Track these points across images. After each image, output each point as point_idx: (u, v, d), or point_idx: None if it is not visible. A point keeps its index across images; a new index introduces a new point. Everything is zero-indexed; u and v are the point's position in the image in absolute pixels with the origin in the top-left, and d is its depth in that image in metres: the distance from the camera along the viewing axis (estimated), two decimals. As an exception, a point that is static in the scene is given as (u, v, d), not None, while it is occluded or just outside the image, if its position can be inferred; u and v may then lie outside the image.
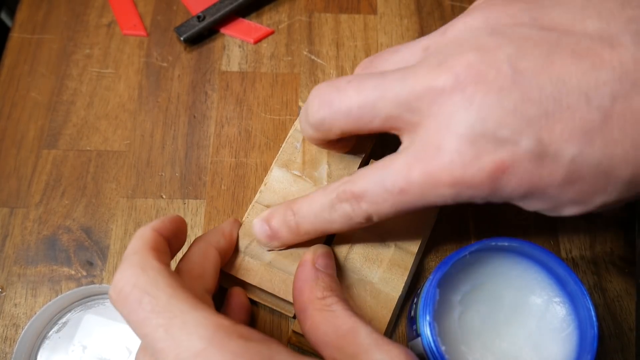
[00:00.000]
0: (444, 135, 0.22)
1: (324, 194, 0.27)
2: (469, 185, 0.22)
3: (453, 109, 0.22)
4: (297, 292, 0.27)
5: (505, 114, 0.21)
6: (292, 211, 0.28)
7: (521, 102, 0.20)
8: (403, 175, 0.23)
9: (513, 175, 0.21)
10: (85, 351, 0.31)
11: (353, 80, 0.25)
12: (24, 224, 0.35)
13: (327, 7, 0.43)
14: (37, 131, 0.38)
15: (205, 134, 0.38)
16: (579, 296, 0.26)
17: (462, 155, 0.21)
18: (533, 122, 0.20)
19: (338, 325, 0.24)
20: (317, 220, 0.27)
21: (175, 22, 0.42)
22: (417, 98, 0.23)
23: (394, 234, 0.32)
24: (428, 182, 0.23)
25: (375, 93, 0.24)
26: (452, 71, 0.22)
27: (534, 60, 0.21)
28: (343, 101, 0.25)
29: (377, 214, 0.25)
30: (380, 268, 0.31)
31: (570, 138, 0.20)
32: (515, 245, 0.26)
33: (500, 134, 0.21)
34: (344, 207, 0.26)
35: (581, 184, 0.21)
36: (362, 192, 0.25)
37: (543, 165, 0.21)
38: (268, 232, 0.29)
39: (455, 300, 0.27)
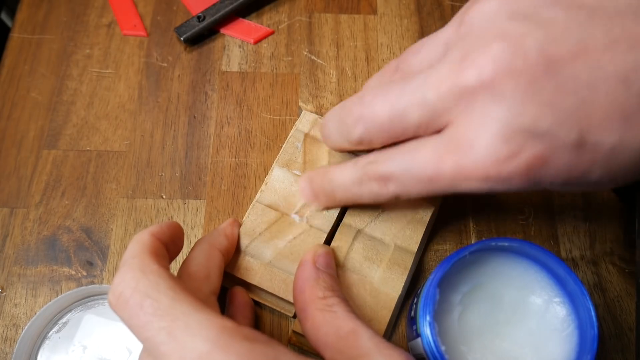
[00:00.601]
0: (477, 132, 0.21)
1: (354, 169, 0.27)
2: (504, 180, 0.21)
3: (483, 106, 0.21)
4: (298, 291, 0.27)
5: (541, 107, 0.20)
6: (329, 181, 0.29)
7: (556, 93, 0.19)
8: (433, 164, 0.23)
9: (551, 167, 0.21)
10: (85, 351, 0.31)
11: (376, 90, 0.25)
12: (24, 224, 0.35)
13: (327, 7, 0.43)
14: (37, 131, 0.38)
15: (206, 134, 0.38)
16: (579, 296, 0.26)
17: (497, 153, 0.21)
18: (570, 113, 0.19)
19: (339, 327, 0.24)
20: (348, 191, 0.28)
21: (175, 22, 0.42)
22: (444, 100, 0.22)
23: (393, 234, 0.32)
24: (459, 175, 0.22)
25: (401, 102, 0.23)
26: (476, 66, 0.21)
27: (566, 45, 0.19)
28: (373, 116, 0.25)
29: (405, 194, 0.25)
30: (380, 268, 0.31)
31: (610, 126, 0.19)
32: (515, 245, 0.26)
33: (537, 128, 0.20)
34: (371, 185, 0.26)
35: (621, 168, 0.20)
36: (389, 174, 0.25)
37: (583, 154, 0.20)
38: (311, 193, 0.30)
39: (455, 300, 0.27)
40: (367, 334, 0.23)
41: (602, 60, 0.19)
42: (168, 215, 0.35)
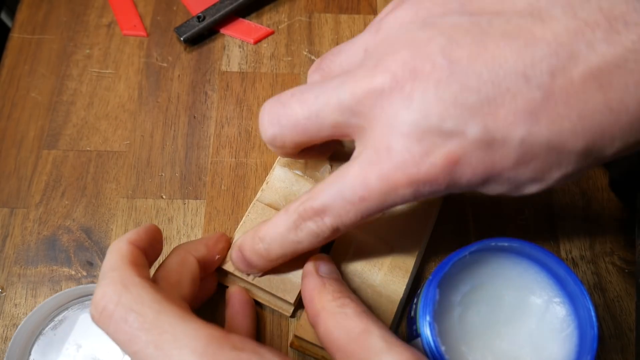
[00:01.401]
0: (391, 136, 0.22)
1: (286, 215, 0.26)
2: (425, 182, 0.22)
3: (395, 109, 0.21)
4: (308, 301, 0.27)
5: (446, 106, 0.20)
6: (258, 238, 0.27)
7: (460, 92, 0.20)
8: (360, 183, 0.23)
9: (466, 166, 0.21)
10: (79, 350, 0.31)
11: (296, 92, 0.25)
12: (24, 224, 0.35)
13: (327, 8, 0.43)
14: (37, 131, 0.38)
15: (205, 134, 0.38)
16: (579, 296, 0.26)
17: (412, 153, 0.21)
18: (475, 110, 0.20)
19: (350, 328, 0.24)
20: (284, 242, 0.27)
21: (175, 22, 0.42)
22: (359, 102, 0.23)
23: (394, 237, 0.32)
24: (386, 186, 0.22)
25: (318, 102, 0.24)
26: (388, 71, 0.22)
27: (467, 48, 0.20)
28: (289, 115, 0.25)
29: (343, 224, 0.25)
30: (381, 271, 0.31)
31: (515, 120, 0.20)
32: (515, 246, 0.26)
33: (444, 127, 0.21)
34: (308, 225, 0.25)
35: (535, 163, 0.21)
36: (323, 207, 0.24)
37: (494, 151, 0.21)
38: (244, 262, 0.29)
39: (455, 300, 0.27)
40: (377, 333, 0.23)
41: (501, 58, 0.20)
42: (168, 216, 0.35)
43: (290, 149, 0.27)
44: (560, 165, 0.21)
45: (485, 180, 0.22)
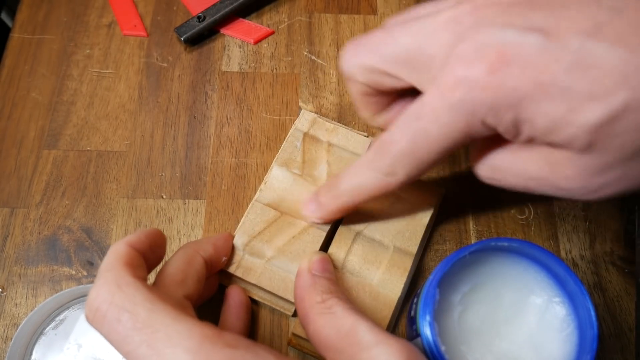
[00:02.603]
0: (454, 52, 0.22)
1: (363, 157, 0.27)
2: (471, 84, 0.21)
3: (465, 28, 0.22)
4: (298, 299, 0.27)
5: (512, 19, 0.21)
6: (336, 178, 0.29)
7: (528, 10, 0.21)
8: (419, 103, 0.23)
9: (516, 66, 0.20)
10: (80, 350, 0.31)
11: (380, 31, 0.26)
12: (24, 224, 0.35)
13: (327, 8, 0.43)
14: (37, 131, 0.38)
15: (206, 134, 0.38)
16: (579, 296, 0.26)
17: (465, 57, 0.21)
18: (538, 22, 0.20)
19: (339, 326, 0.24)
20: (352, 178, 0.28)
21: (175, 22, 0.42)
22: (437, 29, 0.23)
23: (392, 235, 0.32)
24: (437, 96, 0.22)
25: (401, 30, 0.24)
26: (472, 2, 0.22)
27: None
28: (371, 42, 0.25)
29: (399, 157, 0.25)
30: (379, 269, 0.31)
31: (576, 32, 0.20)
32: (515, 245, 0.26)
33: (504, 33, 0.21)
34: (374, 157, 0.26)
35: (594, 72, 0.19)
36: (389, 135, 0.25)
37: (549, 53, 0.20)
38: (314, 202, 0.30)
39: (455, 300, 0.27)
40: (365, 327, 0.23)
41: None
42: (168, 216, 0.35)
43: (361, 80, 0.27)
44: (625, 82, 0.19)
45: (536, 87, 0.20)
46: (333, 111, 0.38)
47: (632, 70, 0.19)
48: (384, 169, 0.26)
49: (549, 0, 0.21)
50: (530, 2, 0.21)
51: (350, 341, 0.23)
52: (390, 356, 0.22)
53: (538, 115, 0.21)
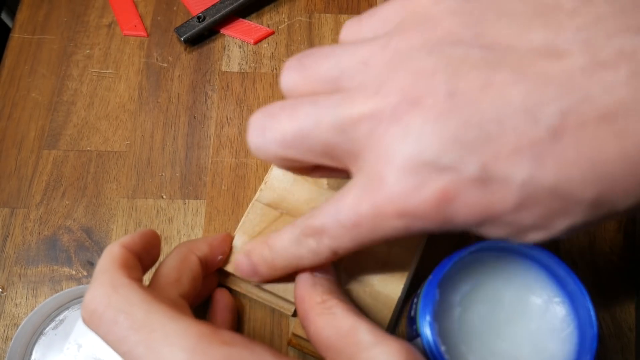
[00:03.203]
0: (385, 167, 0.21)
1: (292, 229, 0.26)
2: (415, 216, 0.21)
3: (391, 139, 0.20)
4: (298, 300, 0.27)
5: (444, 141, 0.19)
6: (268, 247, 0.27)
7: (460, 127, 0.19)
8: (354, 209, 0.22)
9: (460, 204, 0.20)
10: (80, 350, 0.31)
11: (286, 106, 0.24)
12: (24, 224, 0.35)
13: (327, 8, 0.43)
14: (37, 131, 0.38)
15: (206, 134, 0.38)
16: (579, 296, 0.26)
17: (404, 186, 0.20)
18: (475, 147, 0.19)
19: (339, 327, 0.24)
20: (288, 255, 0.26)
21: (175, 22, 0.42)
22: (355, 126, 0.21)
23: (393, 235, 0.32)
24: (377, 215, 0.21)
25: (309, 120, 0.23)
26: (388, 98, 0.21)
27: (473, 82, 0.19)
28: (276, 128, 0.24)
29: (340, 248, 0.24)
30: (379, 270, 0.31)
31: (518, 161, 0.19)
32: (515, 246, 0.26)
33: (440, 162, 0.19)
34: (309, 242, 0.25)
35: (538, 208, 0.19)
36: (321, 227, 0.24)
37: (492, 191, 0.19)
38: (250, 267, 0.28)
39: (455, 300, 0.27)
40: (365, 328, 0.23)
41: (508, 96, 0.19)
42: (168, 216, 0.35)
43: (278, 164, 0.26)
44: (567, 215, 0.20)
45: (482, 221, 0.20)
46: (333, 111, 0.38)
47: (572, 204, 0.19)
48: (325, 254, 0.25)
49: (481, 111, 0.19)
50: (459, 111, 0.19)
51: (350, 341, 0.23)
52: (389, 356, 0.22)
53: (484, 233, 0.21)
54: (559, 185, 0.19)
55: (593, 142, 0.18)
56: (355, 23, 0.25)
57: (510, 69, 0.19)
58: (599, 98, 0.18)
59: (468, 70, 0.20)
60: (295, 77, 0.25)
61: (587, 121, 0.18)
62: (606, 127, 0.18)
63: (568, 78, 0.18)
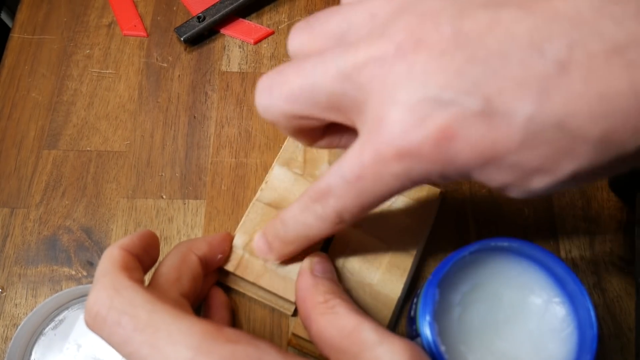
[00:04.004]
0: (387, 108, 0.20)
1: (301, 197, 0.26)
2: (416, 156, 0.20)
3: (395, 78, 0.20)
4: (300, 301, 0.27)
5: (448, 76, 0.19)
6: (280, 220, 0.27)
7: (465, 62, 0.19)
8: (356, 160, 0.22)
9: (463, 141, 0.19)
10: (79, 350, 0.31)
11: (292, 64, 0.23)
12: (24, 224, 0.35)
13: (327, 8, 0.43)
14: (37, 131, 0.38)
15: (206, 134, 0.38)
16: (579, 296, 0.26)
17: (404, 124, 0.19)
18: (479, 81, 0.18)
19: (342, 326, 0.24)
20: (297, 225, 0.26)
21: (175, 22, 0.42)
22: (359, 71, 0.21)
23: (392, 236, 0.32)
24: (378, 161, 0.21)
25: (315, 71, 0.22)
26: (394, 39, 0.20)
27: (480, 20, 0.19)
28: (282, 83, 0.23)
29: (345, 209, 0.24)
30: (379, 270, 0.31)
31: (523, 95, 0.18)
32: (515, 246, 0.26)
33: (443, 97, 0.19)
34: (316, 208, 0.25)
35: (544, 147, 0.19)
36: (327, 188, 0.23)
37: (496, 127, 0.19)
38: (264, 245, 0.29)
39: (455, 300, 0.27)
40: (369, 327, 0.23)
41: (515, 31, 0.18)
42: (168, 216, 0.35)
43: (284, 125, 0.25)
44: (573, 155, 0.19)
45: (485, 161, 0.20)
46: (333, 111, 0.38)
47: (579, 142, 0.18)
48: (331, 218, 0.25)
49: (486, 47, 0.19)
50: (464, 48, 0.19)
51: (354, 340, 0.23)
52: (394, 355, 0.22)
53: (486, 179, 0.21)
54: (565, 121, 0.18)
55: (602, 75, 0.17)
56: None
57: (517, 7, 0.19)
58: (608, 31, 0.17)
59: (475, 9, 0.19)
60: (303, 38, 0.24)
61: (596, 54, 0.17)
62: (616, 60, 0.17)
63: (576, 13, 0.18)
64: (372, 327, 0.23)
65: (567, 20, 0.18)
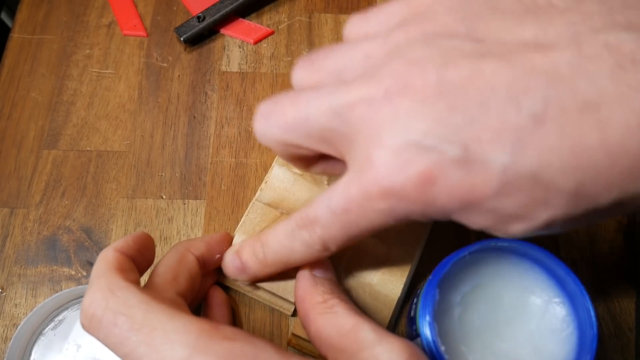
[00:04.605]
0: (374, 148, 0.21)
1: (287, 222, 0.26)
2: (399, 197, 0.21)
3: (381, 120, 0.21)
4: (299, 300, 0.27)
5: (430, 123, 0.20)
6: (260, 242, 0.28)
7: (445, 110, 0.20)
8: (343, 193, 0.23)
9: (442, 186, 0.20)
10: (79, 350, 0.31)
11: (290, 94, 0.25)
12: (24, 224, 0.35)
13: (327, 8, 0.43)
14: (37, 131, 0.38)
15: (205, 134, 0.38)
16: (579, 296, 0.26)
17: (389, 166, 0.21)
18: (459, 130, 0.20)
19: (340, 326, 0.24)
20: (280, 249, 0.27)
21: (175, 22, 0.42)
22: (349, 109, 0.22)
23: (392, 235, 0.32)
24: (364, 197, 0.22)
25: (309, 105, 0.23)
26: (382, 82, 0.21)
27: (462, 70, 0.20)
28: (278, 112, 0.25)
29: (331, 239, 0.25)
30: (379, 270, 0.31)
31: (499, 146, 0.19)
32: (515, 246, 0.26)
33: (425, 142, 0.20)
34: (302, 234, 0.25)
35: (519, 195, 0.20)
36: (315, 216, 0.24)
37: (473, 174, 0.20)
38: (239, 264, 0.29)
39: (455, 300, 0.27)
40: (367, 327, 0.23)
41: (495, 83, 0.19)
42: (168, 216, 0.35)
43: (279, 151, 0.26)
44: (548, 205, 0.20)
45: (464, 205, 0.21)
46: (333, 111, 0.38)
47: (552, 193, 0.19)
48: (316, 247, 0.25)
49: (467, 97, 0.20)
50: (446, 96, 0.20)
51: (352, 340, 0.23)
52: (392, 354, 0.22)
53: (467, 221, 0.22)
54: (539, 172, 0.19)
55: (574, 130, 0.18)
56: (361, 19, 0.26)
57: (499, 60, 0.20)
58: (582, 88, 0.18)
59: (459, 59, 0.20)
60: (303, 73, 0.26)
61: (570, 109, 0.18)
62: (588, 116, 0.18)
63: (554, 69, 0.19)
64: (371, 326, 0.23)
65: (544, 75, 0.19)
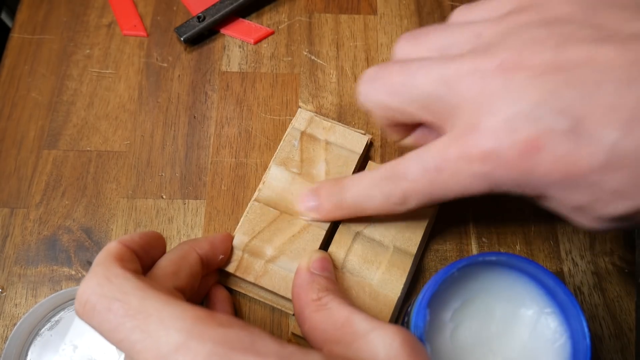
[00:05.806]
0: (481, 115, 0.22)
1: (373, 172, 0.28)
2: (500, 160, 0.22)
3: (492, 90, 0.22)
4: (295, 297, 0.27)
5: (544, 95, 0.21)
6: (340, 185, 0.29)
7: (561, 85, 0.21)
8: (440, 153, 0.24)
9: (547, 155, 0.21)
10: (75, 351, 0.31)
11: (398, 62, 0.26)
12: (24, 224, 0.35)
13: (327, 8, 0.43)
14: (37, 131, 0.38)
15: (206, 134, 0.38)
16: (570, 307, 0.25)
17: (496, 130, 0.22)
18: (573, 103, 0.20)
19: (334, 320, 0.24)
20: (358, 195, 0.28)
21: (175, 22, 0.42)
22: (460, 79, 0.23)
23: (392, 235, 0.32)
24: (462, 158, 0.23)
25: (419, 72, 0.25)
26: (497, 56, 0.22)
27: (579, 52, 0.21)
28: (386, 77, 0.26)
29: (413, 194, 0.26)
30: (379, 270, 0.31)
31: (611, 122, 0.20)
32: (503, 259, 0.26)
33: (535, 112, 0.21)
34: (387, 184, 0.27)
35: (625, 173, 0.20)
36: (404, 170, 0.26)
37: (581, 146, 0.20)
38: (314, 203, 0.30)
39: (446, 317, 0.27)
40: (360, 317, 0.24)
41: (612, 65, 0.20)
42: (168, 216, 0.35)
43: (379, 115, 0.27)
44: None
45: (565, 177, 0.21)
46: (333, 111, 0.38)
47: None
48: (396, 199, 0.27)
49: (583, 75, 0.21)
50: (562, 73, 0.21)
51: (346, 331, 0.23)
52: (386, 339, 0.22)
53: (562, 197, 0.22)
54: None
55: None
56: (470, 7, 0.27)
57: (614, 46, 0.21)
58: None
59: (575, 42, 0.21)
60: (407, 46, 0.27)
61: None
62: None
63: None
64: (363, 316, 0.24)
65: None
